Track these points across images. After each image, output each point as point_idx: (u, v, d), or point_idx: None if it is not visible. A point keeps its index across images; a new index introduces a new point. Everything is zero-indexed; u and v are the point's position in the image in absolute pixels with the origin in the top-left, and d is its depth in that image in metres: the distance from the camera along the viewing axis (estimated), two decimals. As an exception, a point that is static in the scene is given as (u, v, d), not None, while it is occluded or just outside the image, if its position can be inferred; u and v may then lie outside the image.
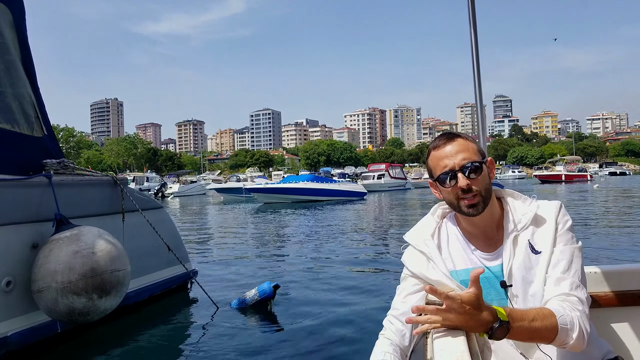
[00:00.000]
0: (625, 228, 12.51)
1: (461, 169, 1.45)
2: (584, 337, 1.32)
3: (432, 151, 1.53)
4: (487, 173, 1.49)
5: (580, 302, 1.36)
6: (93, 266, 3.75)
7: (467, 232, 1.55)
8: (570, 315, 1.31)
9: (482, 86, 2.47)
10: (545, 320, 1.27)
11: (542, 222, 1.47)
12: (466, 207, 1.46)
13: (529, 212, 1.49)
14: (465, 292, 1.22)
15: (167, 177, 65.76)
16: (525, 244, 1.46)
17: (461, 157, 1.46)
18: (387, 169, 48.05)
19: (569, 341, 1.30)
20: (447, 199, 1.51)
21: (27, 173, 4.39)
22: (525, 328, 1.24)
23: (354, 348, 4.18)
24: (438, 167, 1.49)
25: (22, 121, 4.71)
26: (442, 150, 1.49)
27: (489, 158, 1.55)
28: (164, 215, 6.18)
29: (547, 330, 1.27)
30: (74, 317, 3.77)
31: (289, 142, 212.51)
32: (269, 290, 5.28)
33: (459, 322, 1.20)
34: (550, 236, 1.45)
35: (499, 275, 1.47)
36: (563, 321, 1.29)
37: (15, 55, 4.82)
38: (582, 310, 1.35)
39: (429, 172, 1.54)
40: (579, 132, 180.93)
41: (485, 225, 1.52)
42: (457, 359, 1.08)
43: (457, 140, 1.49)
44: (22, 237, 3.99)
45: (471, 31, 2.39)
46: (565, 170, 55.43)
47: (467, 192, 1.44)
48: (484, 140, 2.36)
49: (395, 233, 12.74)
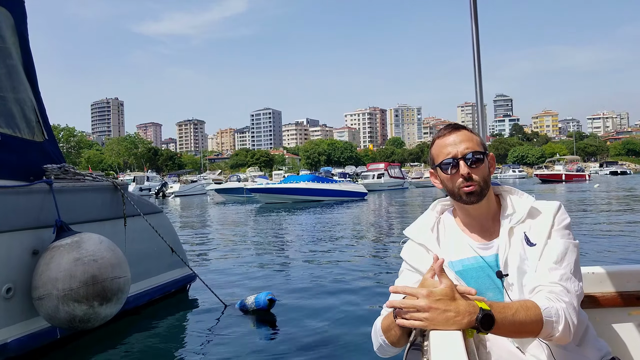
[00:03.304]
0: (625, 228, 12.52)
1: (463, 157, 1.48)
2: (570, 330, 1.31)
3: (436, 139, 1.57)
4: (487, 166, 1.53)
5: (566, 293, 1.35)
6: (94, 273, 3.75)
7: (463, 223, 1.59)
8: (555, 307, 1.30)
9: (483, 86, 2.47)
10: (529, 312, 1.27)
11: (539, 216, 1.50)
12: (465, 195, 1.49)
13: (525, 205, 1.52)
14: None
15: (167, 176, 65.94)
16: (521, 236, 1.48)
17: (464, 146, 1.50)
18: (387, 169, 48.05)
19: (554, 333, 1.29)
20: (447, 186, 1.54)
21: (28, 178, 4.39)
22: (509, 320, 1.24)
23: (354, 348, 4.19)
24: (441, 154, 1.52)
25: (23, 126, 4.71)
26: (447, 139, 1.53)
27: (491, 154, 1.58)
28: (164, 220, 6.19)
29: (531, 322, 1.27)
30: (74, 324, 3.77)
31: (289, 141, 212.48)
32: (263, 303, 5.26)
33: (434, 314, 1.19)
34: (546, 230, 1.46)
35: (493, 265, 1.49)
36: (548, 313, 1.28)
37: (16, 59, 4.81)
38: (568, 302, 1.34)
39: (431, 160, 1.58)
40: (579, 131, 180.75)
41: (481, 216, 1.55)
42: (453, 357, 1.07)
43: (462, 131, 1.54)
44: (23, 244, 3.99)
45: (472, 30, 2.38)
46: (564, 169, 55.46)
47: (467, 181, 1.48)
48: (484, 140, 2.36)
49: (397, 233, 12.76)
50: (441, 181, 1.56)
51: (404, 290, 1.27)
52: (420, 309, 1.20)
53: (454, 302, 1.19)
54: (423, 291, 1.21)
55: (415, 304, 1.20)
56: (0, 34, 4.60)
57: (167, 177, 65.63)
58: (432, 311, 1.18)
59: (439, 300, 1.19)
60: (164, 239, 5.62)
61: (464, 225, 1.58)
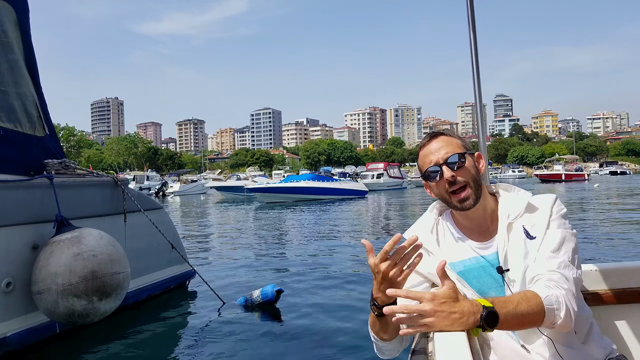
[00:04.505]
0: (627, 226, 12.52)
1: (445, 162, 1.50)
2: (571, 316, 1.31)
3: (419, 152, 1.60)
4: (473, 165, 1.53)
5: (565, 280, 1.35)
6: (94, 269, 3.75)
7: (462, 226, 1.59)
8: (554, 294, 1.30)
9: (483, 86, 2.47)
10: (531, 302, 1.26)
11: (536, 210, 1.50)
12: (458, 202, 1.49)
13: (522, 200, 1.52)
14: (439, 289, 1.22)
15: (167, 176, 65.91)
16: (520, 230, 1.48)
17: (444, 151, 1.51)
18: (386, 168, 48.03)
19: (557, 321, 1.29)
20: (439, 194, 1.55)
21: (29, 173, 4.39)
22: (512, 314, 1.23)
23: (355, 348, 4.18)
24: (425, 164, 1.55)
25: (24, 120, 4.71)
26: (427, 148, 1.55)
27: (477, 152, 1.59)
28: (164, 216, 6.20)
29: (534, 312, 1.26)
30: (73, 319, 3.77)
31: (289, 141, 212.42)
32: (271, 295, 5.29)
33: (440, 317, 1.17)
34: (544, 222, 1.47)
35: (494, 264, 1.49)
36: (549, 301, 1.28)
37: (18, 54, 4.81)
38: (567, 289, 1.33)
39: (420, 171, 1.59)
40: (579, 131, 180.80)
41: (479, 219, 1.55)
42: (457, 356, 1.07)
43: (440, 137, 1.56)
44: (23, 238, 3.99)
45: (470, 30, 2.38)
46: (564, 169, 55.51)
47: (454, 185, 1.48)
48: (484, 140, 2.36)
49: (398, 231, 12.72)
50: (431, 189, 1.57)
51: (407, 294, 1.22)
52: (425, 313, 1.17)
53: (457, 304, 1.18)
54: (427, 295, 1.19)
55: (420, 309, 1.18)
56: (3, 28, 4.60)
57: (167, 176, 65.61)
58: (438, 315, 1.16)
59: (444, 303, 1.17)
60: (164, 235, 5.63)
61: (463, 226, 1.59)
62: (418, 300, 1.19)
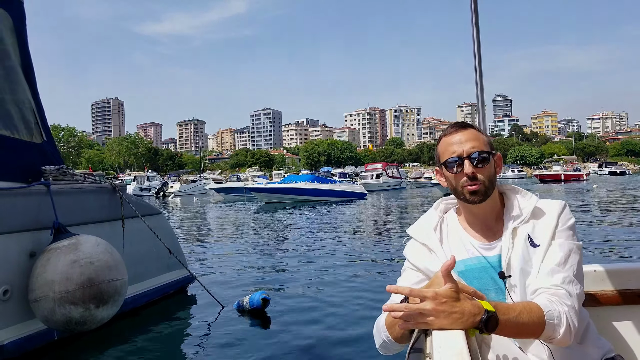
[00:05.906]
0: (625, 227, 12.52)
1: (469, 157, 1.47)
2: (571, 333, 1.31)
3: (442, 137, 1.56)
4: (493, 165, 1.51)
5: (569, 297, 1.34)
6: (91, 276, 3.75)
7: (467, 222, 1.57)
8: (557, 310, 1.29)
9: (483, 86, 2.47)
10: (532, 314, 1.26)
11: (543, 216, 1.48)
12: (469, 194, 1.48)
13: (529, 205, 1.50)
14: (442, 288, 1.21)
15: (167, 176, 65.88)
16: (524, 237, 1.46)
17: (470, 145, 1.48)
18: (385, 169, 48.07)
19: (555, 336, 1.29)
20: (452, 185, 1.53)
21: (27, 179, 4.39)
22: (512, 322, 1.23)
23: (355, 349, 4.20)
24: (446, 153, 1.51)
25: (21, 127, 4.71)
26: (453, 137, 1.52)
27: (498, 154, 1.56)
28: (162, 221, 6.19)
29: (534, 324, 1.26)
30: (70, 326, 3.77)
31: (289, 141, 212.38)
32: (257, 303, 5.28)
33: (440, 316, 1.17)
34: (550, 231, 1.45)
35: (495, 266, 1.48)
36: (550, 316, 1.27)
37: (15, 61, 4.81)
38: (570, 305, 1.32)
39: (437, 157, 1.56)
40: (578, 131, 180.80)
41: (485, 215, 1.54)
42: (455, 356, 1.06)
43: (469, 130, 1.53)
44: (20, 246, 3.98)
45: (473, 30, 2.37)
46: (563, 170, 55.53)
47: (472, 180, 1.47)
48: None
49: (396, 232, 12.75)
50: (446, 179, 1.55)
51: (410, 292, 1.22)
52: (426, 312, 1.17)
53: (458, 303, 1.18)
54: (428, 293, 1.18)
55: (421, 308, 1.18)
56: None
57: (167, 176, 65.57)
58: (438, 314, 1.17)
59: (445, 303, 1.17)
60: (162, 241, 5.61)
61: (467, 224, 1.57)
62: (420, 298, 1.19)
